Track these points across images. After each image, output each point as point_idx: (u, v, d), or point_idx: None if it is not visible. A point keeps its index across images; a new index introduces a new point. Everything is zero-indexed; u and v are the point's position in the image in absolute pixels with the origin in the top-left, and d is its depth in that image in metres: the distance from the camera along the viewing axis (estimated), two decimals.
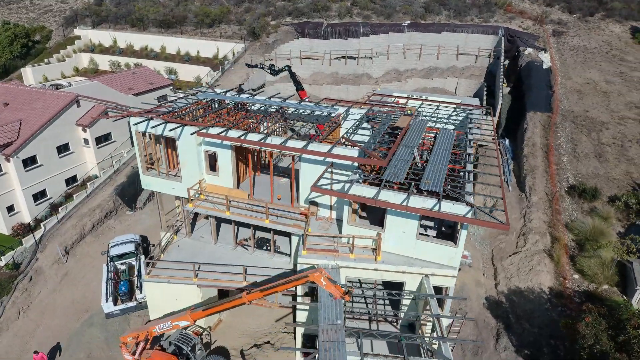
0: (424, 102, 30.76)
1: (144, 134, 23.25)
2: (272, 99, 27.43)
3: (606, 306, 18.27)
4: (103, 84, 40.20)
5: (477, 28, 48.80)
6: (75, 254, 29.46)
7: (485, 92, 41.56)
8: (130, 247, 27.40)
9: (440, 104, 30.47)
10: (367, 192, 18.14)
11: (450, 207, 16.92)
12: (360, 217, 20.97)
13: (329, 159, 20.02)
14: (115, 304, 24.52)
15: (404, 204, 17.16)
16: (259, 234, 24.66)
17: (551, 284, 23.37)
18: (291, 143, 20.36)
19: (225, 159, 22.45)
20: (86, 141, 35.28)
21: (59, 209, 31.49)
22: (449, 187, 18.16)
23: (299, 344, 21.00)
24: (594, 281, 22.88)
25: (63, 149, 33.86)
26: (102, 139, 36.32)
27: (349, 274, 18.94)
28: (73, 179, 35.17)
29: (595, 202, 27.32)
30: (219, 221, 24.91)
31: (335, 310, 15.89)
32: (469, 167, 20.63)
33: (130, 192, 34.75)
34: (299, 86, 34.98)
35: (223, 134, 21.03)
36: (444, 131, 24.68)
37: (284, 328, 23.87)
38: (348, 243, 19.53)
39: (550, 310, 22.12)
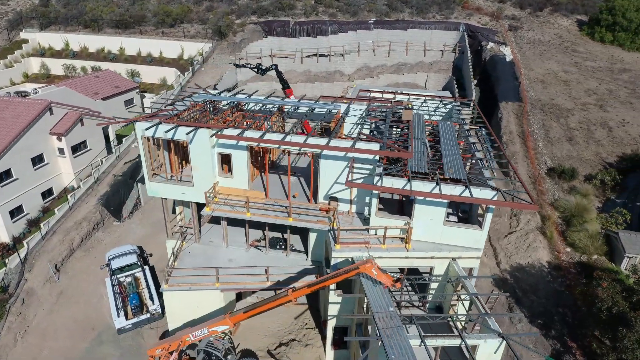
0: (411, 97, 31.98)
1: (148, 139, 22.41)
2: (270, 98, 27.42)
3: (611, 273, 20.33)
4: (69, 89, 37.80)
5: (440, 25, 51.17)
6: (67, 271, 27.67)
7: (455, 85, 43.85)
8: (133, 259, 26.27)
9: (426, 98, 31.82)
10: (396, 183, 18.85)
11: (477, 193, 18.05)
12: (379, 209, 21.65)
13: (351, 154, 20.46)
14: (126, 318, 23.47)
15: (435, 192, 18.06)
16: (270, 233, 24.60)
17: (548, 259, 25.44)
18: (312, 140, 20.61)
19: (241, 160, 22.19)
20: (61, 151, 33.07)
21: (41, 224, 29.35)
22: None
23: (329, 337, 21.37)
24: (585, 252, 25.20)
25: (38, 160, 31.53)
26: (78, 148, 34.24)
27: (381, 264, 19.49)
28: (49, 191, 32.87)
29: (574, 181, 29.97)
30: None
31: (384, 298, 16.45)
32: (478, 154, 22.01)
33: (115, 202, 33.09)
34: (285, 85, 34.99)
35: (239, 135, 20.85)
36: (443, 123, 25.95)
37: (306, 324, 24.08)
38: (376, 234, 20.13)
39: (552, 282, 24.12)
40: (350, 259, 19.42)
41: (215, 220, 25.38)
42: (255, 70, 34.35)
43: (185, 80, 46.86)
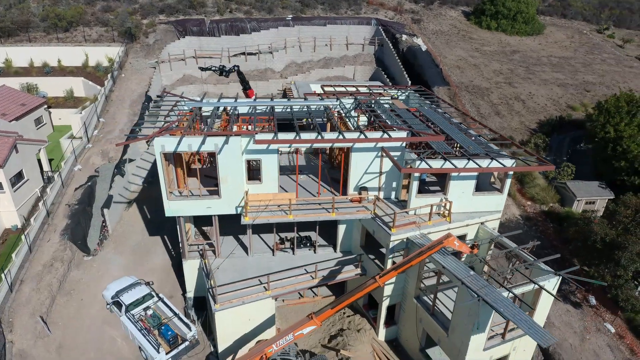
0: (371, 89, 34.43)
1: (165, 154, 20.72)
2: (257, 100, 27.26)
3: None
4: None
5: (354, 20, 54.54)
6: (56, 322, 23.68)
7: (385, 75, 47.77)
8: (145, 289, 23.87)
9: (385, 89, 34.64)
10: (434, 164, 20.99)
11: (499, 162, 21.26)
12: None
13: (382, 144, 21.90)
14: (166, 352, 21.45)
15: (470, 167, 20.73)
16: (290, 234, 24.76)
17: (519, 213, 30.49)
18: (346, 135, 21.52)
19: (272, 164, 21.91)
20: None
21: (3, 274, 24.36)
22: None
23: (383, 317, 22.83)
24: (543, 202, 30.87)
25: None
26: (16, 180, 28.89)
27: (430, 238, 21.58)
28: None
29: (512, 147, 35.82)
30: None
31: (461, 266, 18.54)
32: (472, 132, 25.43)
33: (80, 235, 28.83)
34: (246, 85, 34.27)
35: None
36: (424, 109, 28.95)
37: (345, 313, 24.96)
38: (415, 214, 22.02)
39: (529, 231, 29.10)
40: (404, 240, 21.03)
41: (226, 232, 24.69)
42: (219, 72, 32.95)
43: (108, 89, 41.94)
